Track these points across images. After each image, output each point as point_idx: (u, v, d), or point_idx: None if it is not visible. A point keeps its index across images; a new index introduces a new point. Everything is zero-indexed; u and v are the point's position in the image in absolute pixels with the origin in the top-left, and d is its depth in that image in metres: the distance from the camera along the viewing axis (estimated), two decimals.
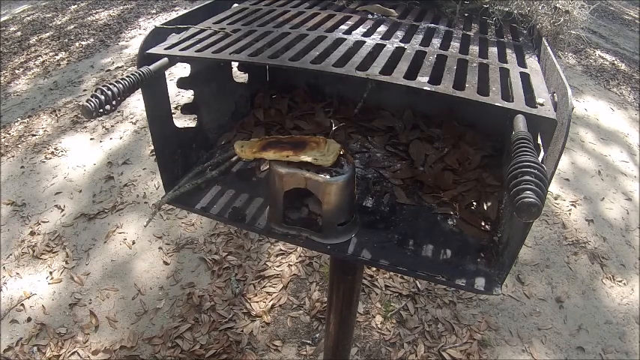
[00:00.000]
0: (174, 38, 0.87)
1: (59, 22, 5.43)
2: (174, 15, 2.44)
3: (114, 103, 0.71)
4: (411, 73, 0.70)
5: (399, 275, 2.16)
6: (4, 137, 3.28)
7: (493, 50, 0.84)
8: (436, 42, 0.85)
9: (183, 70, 1.01)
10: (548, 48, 0.81)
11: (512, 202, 0.51)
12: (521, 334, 1.97)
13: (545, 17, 0.95)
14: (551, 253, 2.34)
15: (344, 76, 0.69)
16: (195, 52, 0.79)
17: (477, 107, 0.65)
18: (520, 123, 0.63)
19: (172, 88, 0.94)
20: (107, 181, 2.76)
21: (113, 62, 4.20)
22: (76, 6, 5.93)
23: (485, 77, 0.72)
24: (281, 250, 2.31)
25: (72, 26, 5.23)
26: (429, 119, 1.19)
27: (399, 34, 0.90)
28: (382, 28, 0.92)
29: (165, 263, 2.26)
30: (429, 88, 0.65)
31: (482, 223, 0.89)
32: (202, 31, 0.89)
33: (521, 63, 0.81)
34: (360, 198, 0.96)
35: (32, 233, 2.45)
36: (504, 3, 1.01)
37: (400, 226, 0.89)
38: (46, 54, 4.62)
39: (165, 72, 0.84)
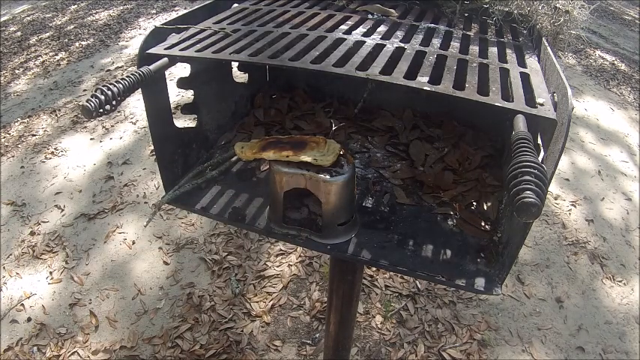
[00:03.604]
0: (174, 38, 0.87)
1: (59, 22, 5.43)
2: (174, 15, 2.44)
3: (114, 103, 0.71)
4: (411, 73, 0.70)
5: (399, 275, 2.16)
6: (4, 137, 3.28)
7: (493, 50, 0.84)
8: (436, 42, 0.85)
9: (183, 70, 1.01)
10: (548, 48, 0.81)
11: (512, 202, 0.51)
12: (521, 334, 1.97)
13: (545, 17, 0.95)
14: (551, 253, 2.34)
15: (344, 76, 0.69)
16: (195, 52, 0.79)
17: (477, 107, 0.65)
18: (520, 123, 0.63)
19: (172, 88, 0.94)
20: (107, 181, 2.76)
21: (113, 62, 4.20)
22: (76, 6, 5.93)
23: (485, 77, 0.72)
24: (281, 250, 2.31)
25: (72, 26, 5.23)
26: (429, 119, 1.19)
27: (399, 34, 0.90)
28: (382, 28, 0.92)
29: (166, 263, 2.26)
30: (429, 88, 0.65)
31: (482, 223, 0.89)
32: (202, 31, 0.89)
33: (521, 63, 0.81)
34: (360, 198, 0.96)
35: (32, 233, 2.45)
36: (504, 3, 1.01)
37: (400, 226, 0.89)
38: (46, 54, 4.62)
39: (165, 72, 0.84)
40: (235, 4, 1.07)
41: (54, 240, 2.40)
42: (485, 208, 0.93)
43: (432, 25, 0.95)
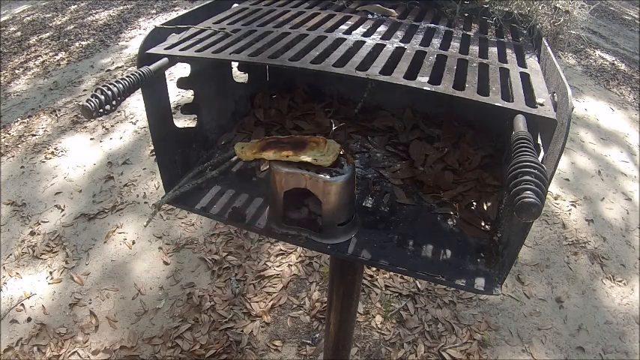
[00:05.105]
0: (174, 38, 0.88)
1: (59, 22, 5.43)
2: (174, 15, 2.44)
3: (114, 103, 0.71)
4: (411, 73, 0.69)
5: (399, 275, 2.16)
6: (4, 137, 3.28)
7: (493, 50, 0.84)
8: (436, 42, 0.85)
9: (183, 70, 1.01)
10: (548, 48, 0.81)
11: (512, 202, 0.51)
12: (521, 334, 1.97)
13: (545, 17, 0.95)
14: (551, 253, 2.34)
15: (344, 76, 0.69)
16: (195, 52, 0.79)
17: (477, 107, 0.65)
18: (520, 123, 0.63)
19: (172, 88, 0.94)
20: (107, 181, 2.76)
21: (113, 62, 4.20)
22: (76, 6, 5.93)
23: (485, 77, 0.72)
24: (281, 250, 2.31)
25: (72, 26, 5.23)
26: (429, 119, 1.19)
27: (399, 34, 0.90)
28: (382, 28, 0.92)
29: (165, 263, 2.26)
30: (429, 88, 0.65)
31: (482, 223, 0.89)
32: (202, 31, 0.89)
33: (521, 63, 0.81)
34: (360, 198, 0.96)
35: (32, 233, 2.45)
36: (504, 3, 1.01)
37: (400, 226, 0.89)
38: (46, 54, 4.62)
39: (165, 72, 0.84)
40: (235, 4, 1.07)
41: (54, 240, 2.40)
42: (485, 208, 0.93)
43: (432, 25, 0.95)
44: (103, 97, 0.69)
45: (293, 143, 0.83)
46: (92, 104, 0.68)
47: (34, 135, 3.26)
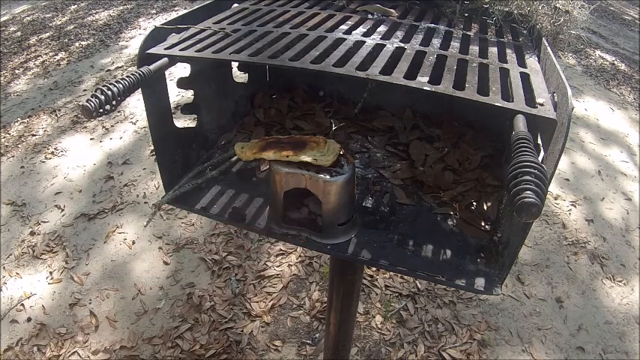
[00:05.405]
0: (174, 38, 0.88)
1: (59, 22, 5.43)
2: (174, 15, 2.44)
3: (114, 103, 0.71)
4: (411, 73, 0.70)
5: (399, 275, 2.16)
6: (4, 137, 3.28)
7: (493, 50, 0.84)
8: (436, 42, 0.85)
9: (183, 70, 1.01)
10: (548, 48, 0.81)
11: (512, 202, 0.51)
12: (521, 334, 1.97)
13: (545, 17, 0.95)
14: (551, 253, 2.34)
15: (344, 76, 0.69)
16: (195, 52, 0.79)
17: (477, 107, 0.65)
18: (520, 123, 0.63)
19: (172, 88, 0.94)
20: (107, 181, 2.76)
21: (113, 62, 4.20)
22: (75, 6, 5.93)
23: (485, 77, 0.72)
24: (281, 250, 2.31)
25: (72, 26, 5.23)
26: (429, 119, 1.19)
27: (399, 34, 0.90)
28: (382, 28, 0.92)
29: (165, 263, 2.26)
30: (429, 88, 0.66)
31: (482, 223, 0.89)
32: (202, 31, 0.89)
33: (521, 63, 0.81)
34: (360, 198, 0.96)
35: (32, 233, 2.45)
36: (504, 3, 1.01)
37: (400, 226, 0.89)
38: (46, 54, 4.62)
39: (166, 72, 0.84)
40: (235, 4, 1.07)
41: (54, 240, 2.40)
42: (485, 208, 0.93)
43: (432, 25, 0.95)
44: (103, 97, 0.69)
45: (293, 143, 0.83)
46: (92, 104, 0.68)
47: (34, 135, 3.26)
